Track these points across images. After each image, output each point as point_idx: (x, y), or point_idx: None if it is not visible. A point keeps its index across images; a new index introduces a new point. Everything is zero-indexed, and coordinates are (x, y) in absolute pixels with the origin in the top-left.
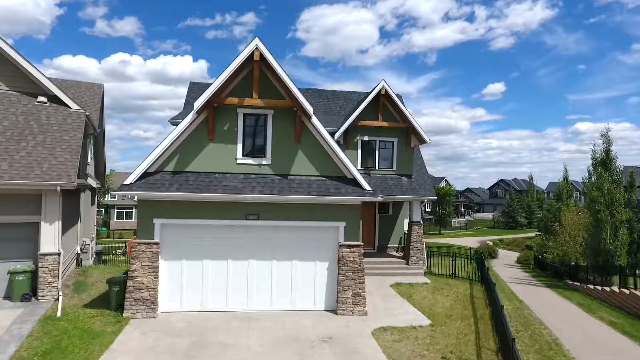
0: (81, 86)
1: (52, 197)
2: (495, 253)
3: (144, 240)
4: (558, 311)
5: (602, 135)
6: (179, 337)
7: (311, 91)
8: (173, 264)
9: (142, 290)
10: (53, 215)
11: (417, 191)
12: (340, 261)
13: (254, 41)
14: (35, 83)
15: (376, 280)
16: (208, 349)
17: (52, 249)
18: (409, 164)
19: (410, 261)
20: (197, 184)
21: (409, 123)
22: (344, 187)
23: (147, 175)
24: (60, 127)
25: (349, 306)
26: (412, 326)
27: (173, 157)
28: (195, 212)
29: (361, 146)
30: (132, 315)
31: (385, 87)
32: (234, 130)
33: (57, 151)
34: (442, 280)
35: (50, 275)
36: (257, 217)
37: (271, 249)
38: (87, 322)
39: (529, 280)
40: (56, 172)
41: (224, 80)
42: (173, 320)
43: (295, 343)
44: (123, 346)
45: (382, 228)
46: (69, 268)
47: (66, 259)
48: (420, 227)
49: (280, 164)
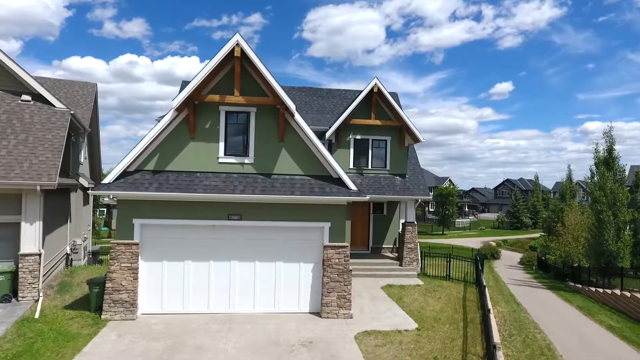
0: (74, 85)
1: (32, 196)
2: (498, 254)
3: (123, 241)
4: (556, 314)
5: (605, 133)
6: (155, 340)
7: (305, 89)
8: (153, 265)
9: (121, 291)
10: (34, 215)
11: (410, 191)
12: (325, 262)
13: (235, 37)
14: (19, 82)
15: (367, 281)
16: (183, 352)
17: (32, 250)
18: (402, 163)
19: (404, 262)
20: (177, 184)
21: (402, 121)
22: (329, 186)
23: (126, 175)
24: (43, 125)
25: (333, 309)
26: (398, 330)
27: (153, 156)
28: (176, 212)
29: (354, 145)
30: (111, 317)
31: (377, 85)
32: (215, 129)
33: (39, 150)
34: (436, 282)
35: (30, 276)
36: (240, 218)
37: (254, 250)
38: (64, 324)
39: (530, 281)
40: (37, 171)
41: (204, 78)
42: (152, 322)
43: (274, 347)
44: (96, 349)
45: (377, 228)
46: (55, 268)
47: (52, 259)
48: (414, 227)
49: (263, 163)
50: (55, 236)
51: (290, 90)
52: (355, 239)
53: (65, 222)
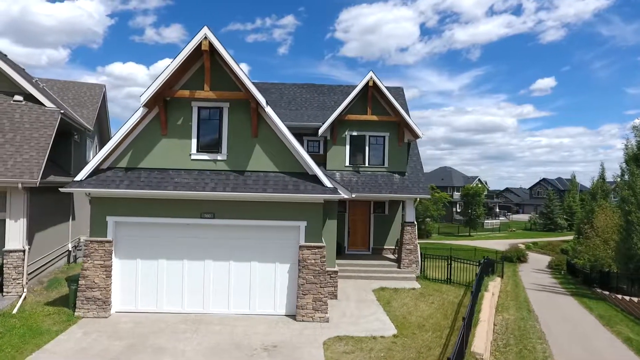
0: (82, 87)
1: (16, 194)
2: (525, 257)
3: (96, 239)
4: (571, 323)
5: (635, 127)
6: (118, 340)
7: (306, 86)
8: (128, 263)
9: (94, 289)
10: (18, 213)
11: (409, 189)
12: (300, 263)
13: (203, 30)
14: (12, 82)
15: (361, 283)
16: (141, 353)
17: (16, 246)
18: (401, 160)
19: (402, 264)
20: (148, 181)
21: (400, 117)
22: (303, 184)
23: (99, 172)
24: (32, 125)
25: (309, 312)
26: (373, 336)
27: (126, 154)
28: (150, 210)
29: (350, 141)
30: (84, 314)
31: (373, 79)
32: (188, 125)
33: (25, 149)
34: (434, 285)
35: (15, 272)
36: (213, 216)
37: (229, 249)
38: (38, 320)
39: (553, 287)
40: (20, 169)
41: (172, 73)
42: (123, 320)
43: (235, 350)
44: (56, 347)
45: (378, 229)
46: (51, 265)
47: (45, 256)
48: (414, 227)
49: (236, 159)
50: (51, 233)
51: (290, 87)
52: (355, 239)
53: (66, 219)
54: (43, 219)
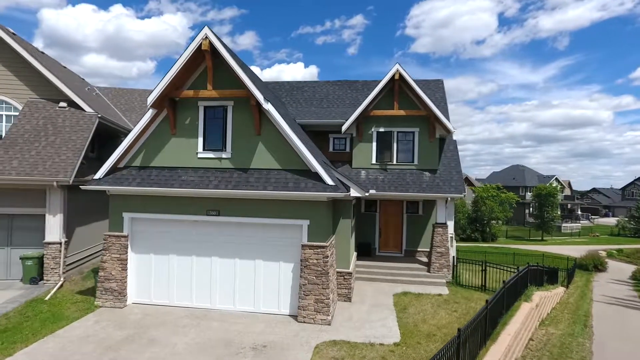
0: (134, 94)
1: (54, 191)
2: (604, 265)
3: (114, 233)
4: (633, 343)
5: None
6: (121, 329)
7: (340, 83)
8: (143, 258)
9: (111, 280)
10: (56, 209)
11: (439, 188)
12: (302, 263)
13: (203, 30)
14: (58, 90)
15: (384, 287)
16: (135, 343)
17: (55, 239)
18: (433, 157)
19: (432, 268)
20: (158, 179)
21: (430, 111)
22: (304, 181)
23: (116, 171)
24: (71, 128)
25: (310, 313)
26: (371, 343)
27: (140, 153)
28: (161, 207)
29: (376, 138)
30: (102, 304)
31: (399, 71)
32: (195, 124)
33: (63, 150)
34: (465, 292)
35: (53, 262)
36: (218, 213)
37: (234, 247)
38: (64, 307)
39: (630, 301)
40: (56, 169)
41: (175, 74)
42: (134, 312)
43: (222, 348)
44: (67, 333)
45: (411, 230)
46: (94, 257)
47: (87, 249)
48: (445, 229)
49: (240, 157)
50: (93, 228)
51: (324, 84)
52: (386, 240)
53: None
54: (82, 215)
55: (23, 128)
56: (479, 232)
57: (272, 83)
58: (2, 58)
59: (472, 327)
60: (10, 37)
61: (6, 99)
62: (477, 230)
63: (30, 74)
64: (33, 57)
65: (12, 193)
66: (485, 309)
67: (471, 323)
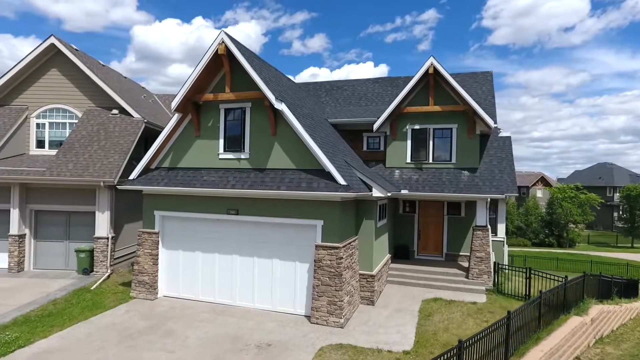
0: None
1: (103, 191)
2: None
3: (146, 230)
4: None
5: None
6: (145, 320)
7: (380, 80)
8: (172, 254)
9: (144, 274)
10: (104, 206)
11: (478, 188)
12: (316, 264)
13: (219, 35)
14: (111, 99)
15: (415, 292)
16: (153, 334)
17: (103, 234)
18: (472, 154)
19: (471, 274)
20: (182, 179)
21: (468, 105)
22: (317, 181)
23: (148, 172)
24: (120, 133)
25: (323, 315)
26: (379, 349)
27: (168, 155)
28: (187, 206)
29: (411, 136)
30: (136, 295)
31: (434, 65)
32: (216, 126)
33: (111, 153)
34: (505, 302)
35: (102, 255)
36: (237, 212)
37: (252, 245)
38: (104, 297)
39: None
40: (103, 170)
41: (197, 78)
42: (162, 304)
43: (229, 343)
44: (98, 320)
45: (453, 233)
46: None
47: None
48: (485, 232)
49: (257, 157)
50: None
51: (364, 82)
52: (426, 243)
53: None
54: (129, 213)
55: (80, 134)
56: (554, 236)
57: (312, 84)
58: (66, 72)
59: (480, 339)
60: (74, 53)
61: (69, 108)
62: (551, 235)
63: (89, 85)
64: (91, 71)
65: (69, 192)
66: (507, 319)
67: (481, 334)
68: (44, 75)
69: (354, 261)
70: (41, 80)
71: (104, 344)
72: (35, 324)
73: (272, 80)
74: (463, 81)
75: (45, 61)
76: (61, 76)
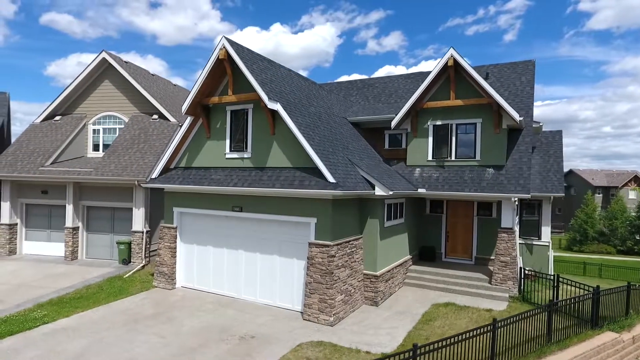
0: None
1: (138, 189)
2: None
3: (166, 225)
4: None
5: None
6: (155, 307)
7: (413, 75)
8: (188, 247)
9: (164, 266)
10: (140, 203)
11: (502, 187)
12: (309, 261)
13: (221, 41)
14: (152, 105)
15: (429, 295)
16: (154, 319)
17: (139, 228)
18: (498, 151)
19: (494, 280)
20: (194, 178)
21: (492, 98)
22: (309, 179)
23: (167, 171)
24: (157, 136)
25: (314, 312)
26: (357, 349)
27: (185, 155)
28: (199, 203)
29: (433, 132)
30: (157, 284)
31: (454, 56)
32: (223, 128)
33: (147, 155)
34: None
35: (137, 247)
36: (240, 209)
37: (256, 241)
38: (132, 285)
39: None
40: (139, 170)
41: (203, 83)
42: (177, 294)
43: (216, 333)
44: (115, 305)
45: (483, 235)
46: None
47: None
48: (511, 235)
49: (258, 156)
50: None
51: (395, 79)
52: (454, 245)
53: None
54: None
55: (124, 137)
56: None
57: (345, 82)
58: (116, 83)
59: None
60: (122, 65)
61: (119, 115)
62: None
63: (134, 94)
64: (136, 81)
65: (113, 190)
66: (492, 326)
67: (452, 339)
68: (98, 86)
69: (353, 260)
70: (97, 91)
71: (111, 325)
72: (65, 305)
73: (273, 81)
74: (500, 72)
75: (99, 74)
76: (112, 86)
